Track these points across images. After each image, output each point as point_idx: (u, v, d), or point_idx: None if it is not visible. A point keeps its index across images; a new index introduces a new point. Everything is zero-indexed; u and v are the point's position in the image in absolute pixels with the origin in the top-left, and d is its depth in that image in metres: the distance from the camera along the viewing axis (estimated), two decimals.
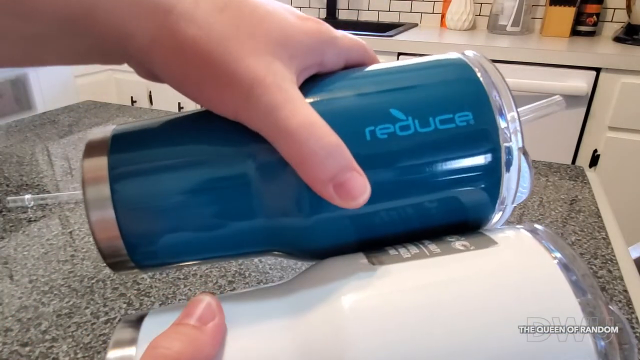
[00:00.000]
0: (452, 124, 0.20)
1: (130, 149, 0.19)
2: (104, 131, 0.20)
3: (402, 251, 0.19)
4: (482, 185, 0.20)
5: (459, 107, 0.20)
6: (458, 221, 0.21)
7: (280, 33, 0.18)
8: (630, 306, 0.35)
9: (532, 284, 0.17)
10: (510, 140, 0.20)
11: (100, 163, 0.19)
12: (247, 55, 0.17)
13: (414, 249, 0.19)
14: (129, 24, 0.17)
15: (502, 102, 0.20)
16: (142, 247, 0.19)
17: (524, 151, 0.20)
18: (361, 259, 0.19)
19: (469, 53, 0.22)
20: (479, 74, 0.21)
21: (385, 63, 0.23)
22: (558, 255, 0.18)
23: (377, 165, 0.19)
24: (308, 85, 0.20)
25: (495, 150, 0.20)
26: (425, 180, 0.20)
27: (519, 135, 0.20)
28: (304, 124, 0.17)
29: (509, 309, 0.16)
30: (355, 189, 0.17)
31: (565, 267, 0.17)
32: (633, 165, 1.26)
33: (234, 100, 0.18)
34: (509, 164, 0.20)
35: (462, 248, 0.19)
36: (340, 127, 0.18)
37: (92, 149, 0.19)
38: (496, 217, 0.22)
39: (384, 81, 0.21)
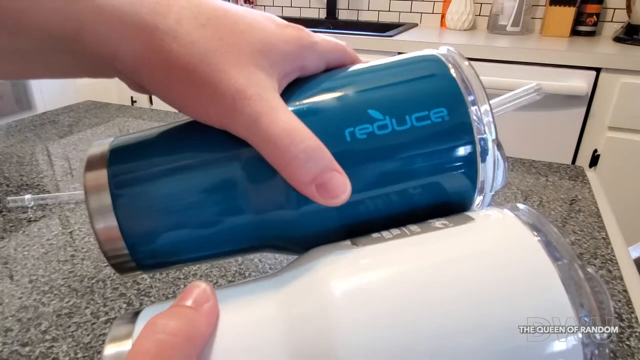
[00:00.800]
0: (427, 121, 0.21)
1: (127, 160, 0.21)
2: (102, 144, 0.22)
3: (385, 234, 0.20)
4: (460, 177, 0.21)
5: (434, 104, 0.21)
6: (440, 211, 0.22)
7: (261, 43, 0.19)
8: (630, 306, 0.35)
9: (508, 253, 0.18)
10: (484, 133, 0.21)
11: (100, 174, 0.20)
12: (229, 67, 0.18)
13: (396, 231, 0.20)
14: (115, 42, 0.18)
15: (475, 97, 0.21)
16: (142, 247, 0.20)
17: (497, 143, 0.21)
18: (345, 243, 0.20)
19: (443, 49, 0.23)
20: (452, 70, 0.22)
21: (363, 63, 0.24)
22: (535, 227, 0.18)
23: (358, 163, 0.20)
24: (290, 90, 0.21)
25: (470, 143, 0.21)
26: (404, 174, 0.21)
27: (493, 127, 0.21)
28: (284, 130, 0.18)
29: (486, 279, 0.17)
30: (336, 188, 0.19)
31: (547, 244, 0.17)
32: (633, 165, 1.26)
33: (218, 112, 0.19)
34: (484, 154, 0.21)
35: (440, 226, 0.19)
36: (321, 130, 0.19)
37: (92, 162, 0.21)
38: (475, 206, 0.23)
39: (362, 82, 0.22)
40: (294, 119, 0.19)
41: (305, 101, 0.21)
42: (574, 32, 1.56)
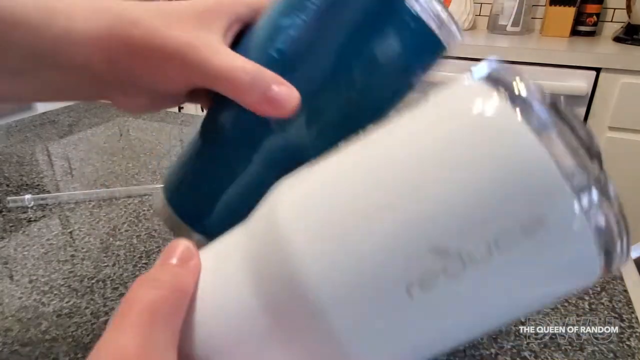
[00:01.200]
0: None
1: (174, 187, 0.27)
2: (158, 194, 0.28)
3: (342, 144, 0.18)
4: (404, 41, 0.21)
5: None
6: (403, 74, 0.23)
7: (198, 8, 0.24)
8: (630, 306, 0.35)
9: (465, 115, 0.15)
10: None
11: (167, 210, 0.27)
12: (175, 32, 0.23)
13: (353, 138, 0.18)
14: (88, 49, 0.22)
15: None
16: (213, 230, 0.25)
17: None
18: (304, 165, 0.19)
19: None
20: None
21: None
22: (496, 80, 0.15)
23: (298, 69, 0.23)
24: (236, 39, 0.25)
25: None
26: (349, 57, 0.22)
27: None
28: (229, 65, 0.22)
29: (443, 147, 0.14)
30: (283, 97, 0.22)
31: (510, 95, 0.14)
32: (633, 165, 1.26)
33: (177, 71, 0.23)
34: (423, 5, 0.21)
35: (395, 115, 0.17)
36: (257, 59, 0.23)
37: (158, 209, 0.28)
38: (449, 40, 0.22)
39: (273, 9, 0.25)
40: (237, 56, 0.23)
41: (242, 42, 0.25)
42: (574, 32, 1.56)
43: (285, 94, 0.22)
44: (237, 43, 0.25)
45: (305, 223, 0.15)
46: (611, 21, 1.58)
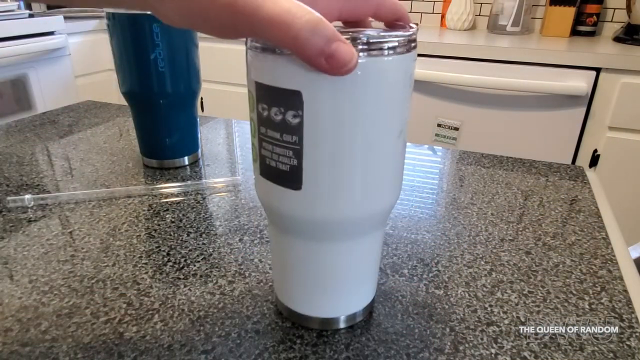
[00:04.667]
0: None
1: None
2: None
3: None
4: None
5: None
6: None
7: None
8: (630, 306, 0.35)
9: None
10: None
11: None
12: None
13: None
14: None
15: None
16: None
17: None
18: None
19: None
20: None
21: None
22: None
23: None
24: None
25: None
26: None
27: None
28: (285, 9, 0.20)
29: None
30: (344, 56, 0.20)
31: None
32: (633, 165, 1.26)
33: (227, 21, 0.21)
34: None
35: None
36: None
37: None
38: None
39: None
40: (292, 1, 0.20)
41: None
42: (574, 32, 1.56)
43: (347, 52, 0.20)
44: None
45: None
46: (611, 21, 1.58)
